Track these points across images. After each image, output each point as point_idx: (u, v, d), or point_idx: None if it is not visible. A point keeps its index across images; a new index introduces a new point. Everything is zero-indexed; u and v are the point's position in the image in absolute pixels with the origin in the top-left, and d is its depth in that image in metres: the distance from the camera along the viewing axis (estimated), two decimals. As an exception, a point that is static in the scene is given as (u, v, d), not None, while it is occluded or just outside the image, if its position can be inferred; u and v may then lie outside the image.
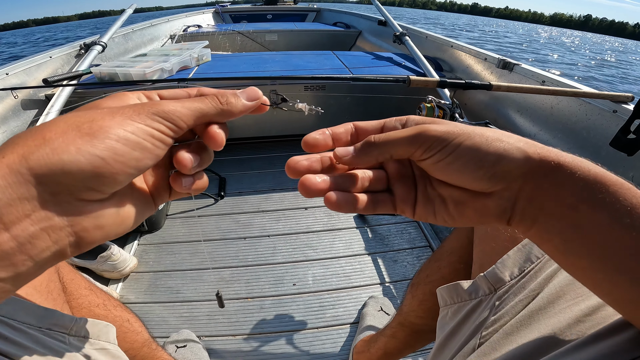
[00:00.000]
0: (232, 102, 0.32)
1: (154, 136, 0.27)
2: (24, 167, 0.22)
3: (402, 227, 1.52)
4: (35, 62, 1.70)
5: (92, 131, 0.24)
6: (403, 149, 0.30)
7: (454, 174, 0.30)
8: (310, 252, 1.40)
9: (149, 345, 0.77)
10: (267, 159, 1.95)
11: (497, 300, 0.47)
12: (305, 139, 0.33)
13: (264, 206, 1.63)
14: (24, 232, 0.22)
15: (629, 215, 0.26)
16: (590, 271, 0.29)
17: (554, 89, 1.17)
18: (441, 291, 0.57)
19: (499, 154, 0.28)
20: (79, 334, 0.45)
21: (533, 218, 0.30)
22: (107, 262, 1.18)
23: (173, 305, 1.18)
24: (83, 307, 0.64)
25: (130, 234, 1.43)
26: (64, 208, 0.24)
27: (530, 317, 0.42)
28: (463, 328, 0.51)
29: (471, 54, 2.04)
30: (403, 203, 0.33)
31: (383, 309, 1.15)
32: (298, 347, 1.09)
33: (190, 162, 0.31)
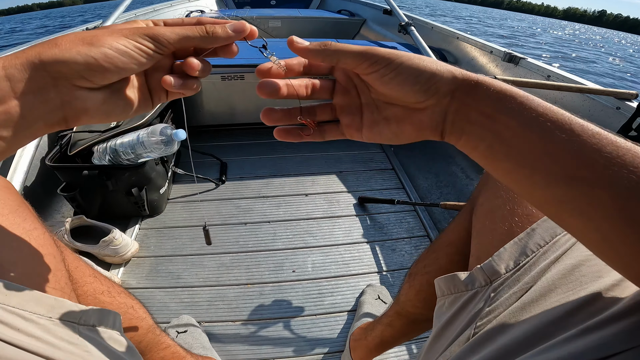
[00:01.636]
0: (217, 31, 0.36)
1: (140, 49, 0.34)
2: (37, 58, 0.31)
3: (401, 216, 1.50)
4: None
5: (92, 42, 0.32)
6: (352, 59, 0.35)
7: (395, 87, 0.35)
8: (310, 239, 1.38)
9: (153, 331, 0.75)
10: (268, 145, 1.92)
11: (492, 292, 0.47)
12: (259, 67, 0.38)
13: (264, 192, 1.61)
14: (28, 101, 0.31)
15: (536, 121, 0.31)
16: (514, 174, 0.33)
17: (559, 85, 1.14)
18: (439, 282, 0.57)
19: (432, 72, 0.34)
20: (87, 323, 0.44)
21: (461, 129, 0.35)
22: (109, 247, 1.16)
23: (174, 290, 1.16)
24: (88, 294, 0.63)
25: (131, 218, 1.40)
26: (60, 89, 0.32)
27: (522, 309, 0.42)
28: (459, 318, 0.50)
29: (477, 47, 1.98)
30: (350, 128, 0.40)
31: (380, 297, 1.14)
32: (296, 333, 1.08)
33: (192, 65, 0.36)
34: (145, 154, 1.23)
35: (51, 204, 1.46)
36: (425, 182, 1.72)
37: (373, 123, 0.39)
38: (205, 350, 0.97)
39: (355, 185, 1.66)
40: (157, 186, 1.36)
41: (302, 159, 1.82)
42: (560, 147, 0.30)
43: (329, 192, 1.62)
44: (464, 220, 0.68)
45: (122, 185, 1.26)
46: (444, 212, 1.52)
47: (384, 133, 0.38)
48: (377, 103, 0.39)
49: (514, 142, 0.32)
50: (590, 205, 0.29)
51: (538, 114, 0.31)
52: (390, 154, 1.87)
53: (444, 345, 0.50)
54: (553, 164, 0.30)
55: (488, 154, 0.34)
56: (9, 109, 0.30)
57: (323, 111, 0.41)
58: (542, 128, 0.31)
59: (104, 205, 1.33)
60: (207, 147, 1.79)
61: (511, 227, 0.53)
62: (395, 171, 1.76)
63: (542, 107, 0.31)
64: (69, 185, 1.24)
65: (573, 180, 0.29)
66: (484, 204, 0.61)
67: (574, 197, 0.30)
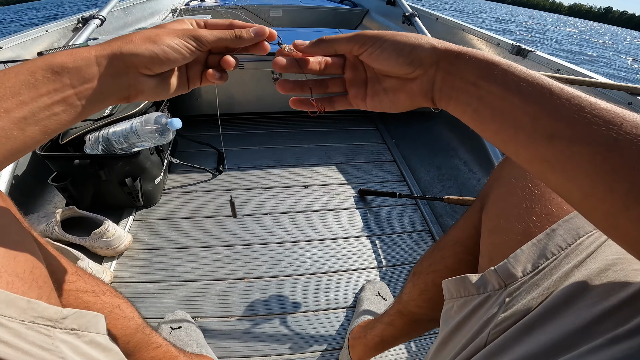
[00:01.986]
0: (243, 34, 0.45)
1: (187, 47, 0.42)
2: (119, 51, 0.39)
3: (402, 209, 1.45)
4: (31, 36, 1.59)
5: (155, 40, 0.41)
6: (344, 44, 0.43)
7: (383, 62, 0.40)
8: (308, 232, 1.34)
9: (142, 330, 0.71)
10: (267, 135, 1.86)
11: (508, 297, 0.44)
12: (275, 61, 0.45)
13: (262, 183, 1.56)
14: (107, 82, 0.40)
15: (517, 85, 0.33)
16: (500, 134, 0.35)
17: (571, 78, 1.09)
18: (447, 284, 0.54)
19: (413, 45, 0.39)
20: (65, 327, 0.41)
21: (448, 95, 0.39)
22: (101, 239, 1.11)
23: (168, 285, 1.12)
24: (71, 293, 0.58)
25: (125, 209, 1.36)
26: (129, 75, 0.41)
27: (543, 316, 0.39)
28: (469, 323, 0.48)
29: (483, 39, 1.92)
30: (356, 98, 0.46)
31: (380, 294, 1.10)
32: (294, 329, 1.04)
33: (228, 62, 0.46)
34: (139, 143, 1.18)
35: (43, 194, 1.42)
36: (427, 175, 1.68)
37: (374, 93, 0.45)
38: (200, 347, 0.94)
39: (356, 177, 1.61)
40: (152, 176, 1.32)
41: (302, 149, 1.77)
42: (539, 108, 0.32)
43: (328, 183, 1.57)
44: (473, 218, 0.65)
45: (116, 175, 1.21)
46: (446, 206, 1.48)
47: (383, 102, 0.44)
48: (378, 76, 0.44)
49: (497, 105, 0.35)
50: (571, 162, 0.31)
51: (519, 79, 0.34)
52: (391, 145, 1.83)
53: (452, 351, 0.47)
54: (534, 123, 0.32)
55: (475, 117, 0.37)
56: (94, 86, 0.40)
57: (334, 84, 0.48)
58: (523, 91, 0.33)
59: (96, 196, 1.29)
60: (204, 136, 1.74)
61: (528, 227, 0.49)
62: (396, 163, 1.71)
63: (523, 74, 0.34)
64: (60, 174, 1.19)
65: (553, 137, 0.31)
66: (497, 201, 0.57)
67: (555, 154, 0.31)
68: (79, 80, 0.39)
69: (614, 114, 0.30)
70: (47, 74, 0.37)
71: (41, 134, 0.39)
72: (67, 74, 0.38)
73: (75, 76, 0.38)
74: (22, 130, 0.37)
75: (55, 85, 0.38)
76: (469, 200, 1.22)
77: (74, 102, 0.39)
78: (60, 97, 0.38)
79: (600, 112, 0.30)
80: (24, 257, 0.43)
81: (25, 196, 1.34)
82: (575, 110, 0.31)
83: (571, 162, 0.31)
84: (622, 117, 0.29)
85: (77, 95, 0.39)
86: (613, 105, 0.31)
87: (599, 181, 0.29)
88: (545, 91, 0.32)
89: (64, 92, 0.38)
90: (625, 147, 0.28)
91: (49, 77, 0.37)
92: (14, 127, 0.36)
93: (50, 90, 0.37)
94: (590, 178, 0.30)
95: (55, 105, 0.38)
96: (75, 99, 0.39)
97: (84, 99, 0.40)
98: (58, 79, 0.38)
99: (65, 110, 0.39)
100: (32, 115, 0.37)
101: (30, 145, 0.38)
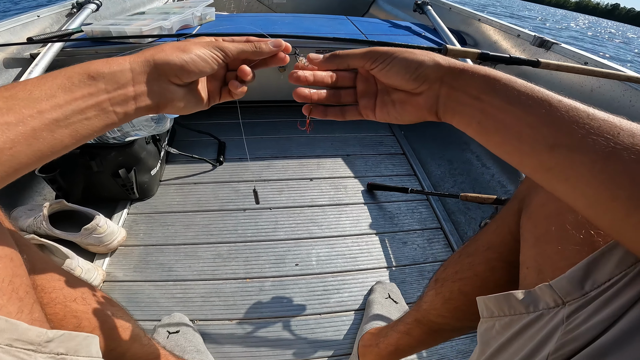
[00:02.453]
0: (262, 46, 0.48)
1: (213, 57, 0.45)
2: (152, 59, 0.42)
3: (413, 205, 1.37)
4: (21, 21, 1.47)
5: (184, 49, 0.43)
6: (357, 60, 0.45)
7: (392, 77, 0.43)
8: (314, 229, 1.25)
9: (139, 340, 0.64)
10: (270, 124, 1.76)
11: (569, 316, 0.37)
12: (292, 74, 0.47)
13: (265, 175, 1.47)
14: (140, 88, 0.42)
15: (518, 99, 0.36)
16: (504, 146, 0.37)
17: (599, 70, 0.99)
18: (486, 301, 0.47)
19: (418, 62, 0.42)
20: (50, 351, 0.36)
21: (452, 109, 0.41)
22: (92, 235, 1.03)
23: (165, 284, 1.04)
24: (58, 302, 0.52)
25: (119, 202, 1.27)
26: (160, 82, 0.43)
27: (620, 340, 0.32)
28: (515, 345, 0.41)
29: (502, 30, 1.78)
30: (366, 109, 0.49)
31: (391, 296, 1.02)
32: (298, 333, 0.97)
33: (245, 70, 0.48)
34: (133, 132, 1.10)
35: (32, 185, 1.33)
36: (437, 170, 1.59)
37: (383, 105, 0.48)
38: (199, 354, 0.86)
39: (364, 170, 1.52)
40: (148, 167, 1.23)
41: (307, 140, 1.68)
42: (540, 119, 0.34)
43: (335, 176, 1.49)
44: (509, 222, 0.58)
45: (108, 166, 1.13)
46: (458, 202, 1.40)
47: (391, 113, 0.47)
48: (387, 89, 0.47)
49: (499, 118, 0.37)
50: (572, 170, 0.32)
51: (520, 92, 0.36)
52: (400, 137, 1.73)
53: None
54: (535, 133, 0.34)
55: (480, 129, 0.39)
56: (127, 92, 0.40)
57: (347, 94, 0.50)
58: (523, 104, 0.35)
59: (88, 188, 1.20)
60: (204, 125, 1.64)
61: (589, 235, 0.42)
62: (406, 156, 1.62)
63: (523, 87, 0.36)
64: (48, 165, 1.10)
65: (554, 147, 0.33)
66: (545, 204, 0.49)
67: (558, 163, 0.33)
68: (113, 85, 0.39)
69: (611, 124, 0.31)
70: (83, 79, 0.38)
71: (70, 139, 0.38)
72: (102, 79, 0.39)
73: (110, 81, 0.39)
74: (51, 132, 0.36)
75: (90, 89, 0.38)
76: (488, 199, 1.14)
77: (107, 107, 0.40)
78: (94, 101, 0.39)
79: (598, 122, 0.31)
80: (2, 264, 0.38)
81: (12, 187, 1.25)
82: (573, 120, 0.32)
83: (573, 170, 0.32)
84: (620, 127, 0.31)
85: (110, 101, 0.40)
86: (610, 115, 0.32)
87: (601, 189, 0.31)
88: (545, 103, 0.34)
89: (99, 97, 0.39)
90: (623, 155, 0.29)
91: (85, 82, 0.38)
92: (44, 128, 0.35)
93: (85, 94, 0.38)
94: (593, 186, 0.31)
95: (88, 110, 0.38)
96: (109, 105, 0.40)
97: (117, 105, 0.40)
98: (94, 83, 0.38)
99: (98, 116, 0.39)
100: (65, 119, 0.37)
101: (57, 149, 0.37)
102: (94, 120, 0.39)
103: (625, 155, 0.29)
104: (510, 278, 0.58)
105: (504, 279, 0.59)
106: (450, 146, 1.72)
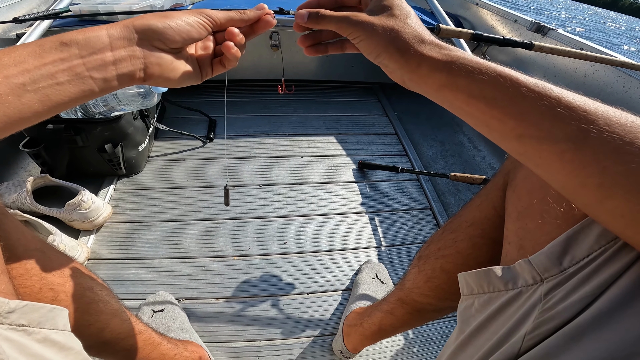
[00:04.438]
0: (247, 12, 0.48)
1: (199, 22, 0.43)
2: (130, 24, 0.39)
3: (403, 185, 1.34)
4: (8, 2, 1.40)
5: (168, 16, 0.41)
6: (332, 26, 0.44)
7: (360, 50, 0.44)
8: (304, 207, 1.22)
9: (119, 315, 0.60)
10: (262, 103, 1.71)
11: (547, 293, 0.35)
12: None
13: (256, 152, 1.42)
14: (120, 53, 0.39)
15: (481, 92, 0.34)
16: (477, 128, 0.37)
17: (600, 57, 0.96)
18: (466, 277, 0.46)
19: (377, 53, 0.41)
20: (12, 322, 0.34)
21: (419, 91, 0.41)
22: (76, 211, 0.99)
23: (151, 262, 1.01)
24: (33, 274, 0.48)
25: (106, 178, 1.23)
26: (143, 48, 0.40)
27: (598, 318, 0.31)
28: (494, 324, 0.40)
29: (499, 14, 1.73)
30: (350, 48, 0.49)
31: (378, 277, 1.00)
32: (286, 313, 0.95)
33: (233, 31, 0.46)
34: (120, 107, 1.05)
35: (17, 160, 1.28)
36: (429, 151, 1.55)
37: None
38: (184, 332, 0.84)
39: (355, 149, 1.48)
40: (136, 143, 1.19)
41: (299, 118, 1.63)
42: (505, 111, 0.33)
43: (326, 154, 1.45)
44: (493, 197, 0.56)
45: (94, 141, 1.08)
46: (448, 183, 1.37)
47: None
48: None
49: (465, 110, 0.36)
50: (541, 159, 0.32)
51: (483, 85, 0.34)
52: (393, 118, 1.69)
53: (474, 355, 0.40)
54: (502, 125, 0.34)
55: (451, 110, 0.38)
56: (105, 57, 0.38)
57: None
58: (487, 97, 0.34)
59: (73, 163, 1.15)
60: (194, 103, 1.59)
61: (570, 209, 0.40)
62: (398, 137, 1.58)
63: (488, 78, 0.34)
64: (33, 140, 1.06)
65: (522, 137, 0.32)
66: (529, 177, 0.47)
67: (527, 150, 0.33)
68: (87, 50, 0.37)
69: (585, 111, 0.30)
70: (55, 45, 0.36)
71: (40, 104, 0.35)
72: (75, 44, 0.37)
73: (84, 47, 0.37)
74: (18, 96, 0.34)
75: (62, 54, 0.36)
76: (477, 179, 1.11)
77: (81, 72, 0.37)
78: (66, 66, 0.36)
79: (569, 109, 0.30)
80: None
81: (-3, 162, 1.21)
82: (541, 110, 0.31)
83: (542, 159, 0.32)
84: (594, 113, 0.29)
85: (85, 65, 0.37)
86: (587, 100, 0.31)
87: (570, 177, 0.30)
88: (511, 93, 0.33)
89: (71, 62, 0.36)
90: (596, 143, 0.29)
91: (57, 48, 0.36)
92: (10, 92, 0.33)
93: (56, 59, 0.36)
94: (562, 174, 0.31)
95: (59, 74, 0.36)
96: (84, 69, 0.37)
97: (94, 70, 0.38)
98: (66, 49, 0.36)
99: (71, 81, 0.37)
100: (33, 83, 0.34)
101: (26, 115, 0.35)
102: (66, 85, 0.36)
103: (597, 143, 0.29)
104: (493, 256, 0.56)
105: (486, 256, 0.57)
106: (442, 128, 1.68)
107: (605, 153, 0.28)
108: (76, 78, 0.37)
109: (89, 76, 0.37)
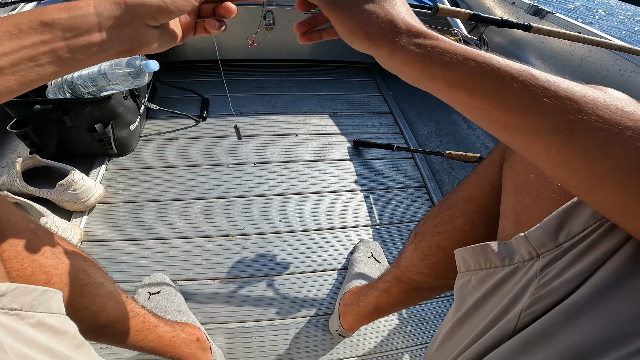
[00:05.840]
0: None
1: None
2: (122, 1, 0.36)
3: (398, 163, 1.32)
4: None
5: None
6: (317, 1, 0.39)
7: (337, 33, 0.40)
8: (299, 184, 1.20)
9: (115, 298, 0.58)
10: (256, 82, 1.65)
11: (542, 269, 0.35)
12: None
13: (250, 130, 1.38)
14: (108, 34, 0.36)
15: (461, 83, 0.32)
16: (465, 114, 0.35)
17: (597, 40, 0.95)
18: (462, 253, 0.45)
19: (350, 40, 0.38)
20: (3, 306, 0.33)
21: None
22: (67, 192, 0.96)
23: (145, 243, 0.99)
24: (25, 256, 0.46)
25: (97, 158, 1.18)
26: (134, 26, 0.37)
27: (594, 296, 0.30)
28: (491, 301, 0.39)
29: None
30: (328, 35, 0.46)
31: (374, 255, 0.99)
32: (282, 292, 0.94)
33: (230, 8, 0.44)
34: (109, 87, 1.00)
35: (5, 142, 1.23)
36: (424, 129, 1.52)
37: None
38: (181, 314, 0.83)
39: (350, 128, 1.45)
40: (126, 122, 1.14)
41: (293, 97, 1.58)
42: (487, 102, 0.31)
43: (321, 132, 1.41)
44: (490, 172, 0.54)
45: (83, 121, 1.03)
46: (443, 162, 1.35)
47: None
48: None
49: (447, 97, 0.34)
50: (529, 150, 0.31)
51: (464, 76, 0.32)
52: (388, 97, 1.64)
53: (470, 333, 0.39)
54: (485, 115, 0.32)
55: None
56: (92, 38, 0.35)
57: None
58: (468, 88, 0.32)
59: (63, 143, 1.11)
60: (187, 82, 1.53)
61: None
62: (393, 115, 1.54)
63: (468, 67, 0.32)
64: (20, 121, 1.01)
65: (508, 127, 0.31)
66: None
67: (514, 141, 0.32)
68: (73, 32, 0.34)
69: (572, 99, 0.28)
70: (34, 25, 0.33)
71: (18, 84, 0.34)
72: (59, 25, 0.34)
73: (69, 28, 0.34)
74: None
75: (43, 36, 0.33)
76: (472, 157, 1.09)
77: (63, 54, 0.35)
78: (47, 48, 0.34)
79: (557, 99, 0.28)
80: None
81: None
82: (525, 101, 0.29)
83: (529, 150, 0.31)
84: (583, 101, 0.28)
85: (68, 47, 0.35)
86: (575, 86, 0.29)
87: (557, 169, 0.30)
88: (495, 82, 0.31)
89: (53, 44, 0.34)
90: (583, 136, 0.28)
91: (37, 29, 0.33)
92: None
93: (36, 41, 0.33)
94: (550, 165, 0.30)
95: (40, 57, 0.34)
96: (66, 51, 0.35)
97: (78, 52, 0.35)
98: (47, 30, 0.34)
99: (52, 62, 0.35)
100: (12, 66, 0.32)
101: (2, 93, 0.33)
102: (47, 67, 0.34)
103: (583, 137, 0.28)
104: (489, 232, 0.55)
105: (482, 233, 0.55)
106: (437, 107, 1.65)
107: (593, 146, 0.27)
108: (58, 59, 0.35)
109: (71, 57, 0.35)
